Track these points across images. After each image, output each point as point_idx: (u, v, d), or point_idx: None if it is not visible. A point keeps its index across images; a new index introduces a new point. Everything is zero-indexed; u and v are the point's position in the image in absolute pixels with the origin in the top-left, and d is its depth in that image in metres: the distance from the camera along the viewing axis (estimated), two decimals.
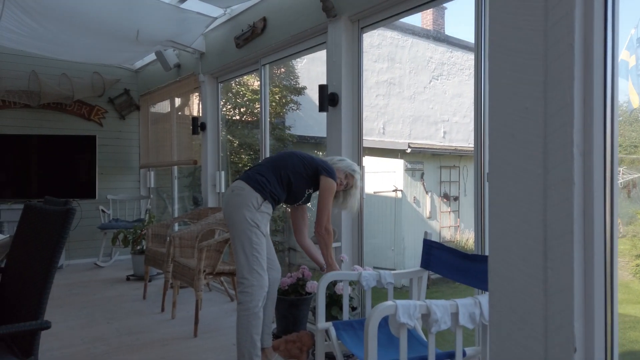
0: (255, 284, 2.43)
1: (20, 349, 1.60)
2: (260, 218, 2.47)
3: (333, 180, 2.56)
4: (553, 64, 0.77)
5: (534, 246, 0.80)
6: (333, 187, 2.56)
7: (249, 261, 2.43)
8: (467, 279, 2.18)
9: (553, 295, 0.78)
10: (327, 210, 2.55)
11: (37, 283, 1.61)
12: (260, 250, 2.45)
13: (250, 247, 2.43)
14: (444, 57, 11.14)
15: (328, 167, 2.61)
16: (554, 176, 0.78)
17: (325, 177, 2.55)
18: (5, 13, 4.18)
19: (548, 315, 0.78)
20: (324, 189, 2.55)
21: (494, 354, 0.87)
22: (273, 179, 2.51)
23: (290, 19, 3.74)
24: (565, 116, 0.76)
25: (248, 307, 2.43)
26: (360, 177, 2.79)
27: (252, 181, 2.48)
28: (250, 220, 2.43)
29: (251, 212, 2.44)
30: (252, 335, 2.43)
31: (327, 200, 2.54)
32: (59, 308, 4.03)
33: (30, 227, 1.82)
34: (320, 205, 2.55)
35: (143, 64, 6.35)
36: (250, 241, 2.43)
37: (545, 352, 0.79)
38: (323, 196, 2.54)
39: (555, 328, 0.78)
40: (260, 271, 2.45)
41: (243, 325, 2.44)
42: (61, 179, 5.96)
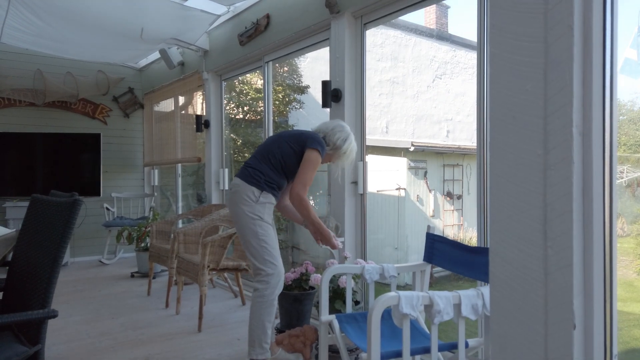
0: (271, 272, 2.50)
1: (28, 337, 1.62)
2: (261, 209, 2.50)
3: (318, 153, 2.55)
4: (553, 45, 0.79)
5: (534, 226, 0.81)
6: (315, 160, 2.54)
7: (260, 252, 2.49)
8: (470, 272, 2.18)
9: (553, 273, 0.79)
10: (304, 179, 2.50)
11: (44, 273, 1.63)
12: (268, 240, 2.50)
13: (256, 239, 2.48)
14: (447, 56, 11.13)
15: (316, 140, 2.59)
16: (553, 156, 0.79)
17: (310, 150, 2.54)
18: (11, 11, 4.21)
19: (548, 294, 0.80)
20: (305, 159, 2.54)
21: (496, 333, 0.89)
22: (265, 168, 2.55)
23: (294, 16, 3.76)
24: (564, 97, 0.77)
25: (263, 295, 2.49)
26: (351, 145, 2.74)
27: (245, 176, 2.54)
28: (250, 214, 2.48)
29: (250, 206, 2.49)
30: (264, 322, 2.49)
31: (305, 169, 2.51)
32: (64, 304, 4.06)
33: (37, 218, 1.84)
34: (299, 173, 2.51)
35: (147, 63, 6.39)
36: (255, 234, 2.48)
37: (545, 329, 0.80)
38: (303, 165, 2.52)
39: (555, 306, 0.79)
40: (272, 260, 2.50)
41: (256, 312, 2.49)
42: (66, 177, 6.00)
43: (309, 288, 3.24)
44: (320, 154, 2.56)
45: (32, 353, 1.54)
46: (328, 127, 2.75)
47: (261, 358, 2.50)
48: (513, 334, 0.85)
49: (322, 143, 2.60)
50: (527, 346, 0.83)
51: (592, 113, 0.77)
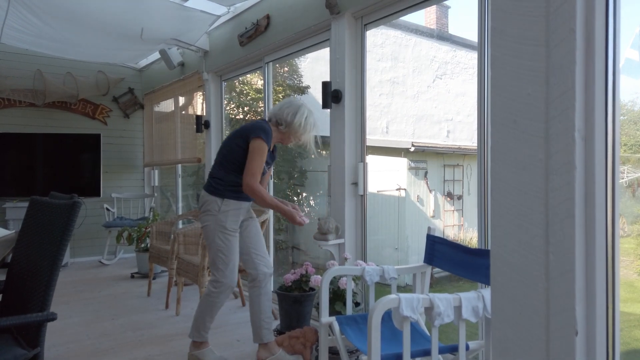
0: (221, 280, 2.69)
1: (27, 340, 1.61)
2: (223, 218, 2.64)
3: (260, 141, 2.59)
4: (555, 49, 0.78)
5: (536, 231, 0.81)
6: (259, 148, 2.59)
7: (215, 261, 2.69)
8: (471, 274, 2.18)
9: (555, 279, 0.78)
10: (251, 168, 2.57)
11: (44, 275, 1.62)
12: (226, 251, 2.66)
13: (215, 249, 2.67)
14: (447, 56, 11.12)
15: (257, 128, 2.64)
16: (555, 161, 0.78)
17: (252, 140, 2.60)
18: (11, 12, 4.21)
19: (550, 299, 0.79)
20: (250, 151, 2.61)
21: (496, 339, 0.88)
22: (223, 174, 2.66)
23: (294, 16, 3.76)
24: (566, 101, 0.77)
25: (210, 295, 2.71)
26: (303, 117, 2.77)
27: (208, 187, 2.70)
28: (213, 225, 2.65)
29: (213, 216, 2.64)
30: (204, 317, 2.73)
31: (251, 159, 2.58)
32: (64, 305, 4.06)
33: (37, 220, 1.84)
34: (247, 164, 2.59)
35: (147, 63, 6.39)
36: (215, 244, 2.66)
37: (547, 335, 0.80)
38: (249, 157, 2.59)
39: (556, 311, 0.78)
40: (225, 269, 2.68)
41: (200, 306, 2.74)
42: (66, 177, 6.00)
43: (309, 289, 3.23)
44: (263, 141, 2.60)
45: (32, 356, 1.54)
46: (276, 107, 2.82)
47: (198, 340, 2.76)
48: (514, 340, 0.84)
49: (264, 129, 2.64)
50: (529, 352, 0.82)
51: (595, 117, 0.76)
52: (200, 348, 2.77)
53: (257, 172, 2.58)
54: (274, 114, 2.80)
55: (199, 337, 2.77)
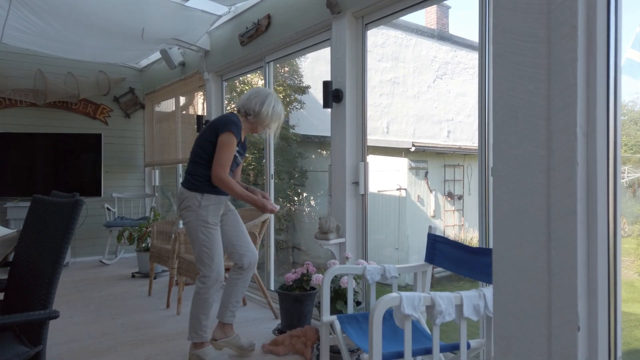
0: (208, 274, 2.73)
1: (29, 338, 1.62)
2: (204, 213, 2.69)
3: (229, 134, 2.65)
4: (556, 46, 0.78)
5: (538, 227, 0.81)
6: (227, 141, 2.65)
7: (200, 256, 2.73)
8: (472, 273, 2.18)
9: (557, 275, 0.79)
10: (219, 160, 2.63)
11: (46, 273, 1.63)
12: (209, 245, 2.70)
13: (198, 244, 2.71)
14: (447, 56, 11.13)
15: (225, 123, 2.69)
16: (557, 157, 0.79)
17: (221, 135, 2.66)
18: (12, 12, 4.22)
19: (552, 295, 0.79)
20: (218, 145, 2.66)
21: (499, 335, 0.88)
22: (199, 169, 2.70)
23: (295, 16, 3.76)
24: (568, 98, 0.77)
25: (199, 292, 2.77)
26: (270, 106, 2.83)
27: (187, 183, 2.74)
28: (196, 219, 2.69)
29: (194, 212, 2.69)
30: (198, 315, 2.77)
31: (219, 152, 2.64)
32: (65, 304, 4.06)
33: (39, 219, 1.84)
34: (215, 156, 2.65)
35: (148, 63, 6.39)
36: (198, 239, 2.70)
37: (549, 331, 0.80)
38: (217, 150, 2.65)
39: (559, 308, 0.79)
40: (210, 263, 2.72)
41: (194, 306, 2.78)
42: (67, 177, 6.00)
43: (310, 289, 3.24)
44: (233, 134, 2.65)
45: (34, 354, 1.54)
46: (244, 98, 2.86)
47: (197, 341, 2.79)
48: (517, 336, 0.85)
49: (234, 122, 2.69)
50: (531, 348, 0.82)
51: (596, 114, 0.76)
52: (200, 347, 2.80)
53: (225, 163, 2.63)
54: (242, 104, 2.84)
55: (197, 338, 2.79)
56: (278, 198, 7.26)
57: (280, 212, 8.03)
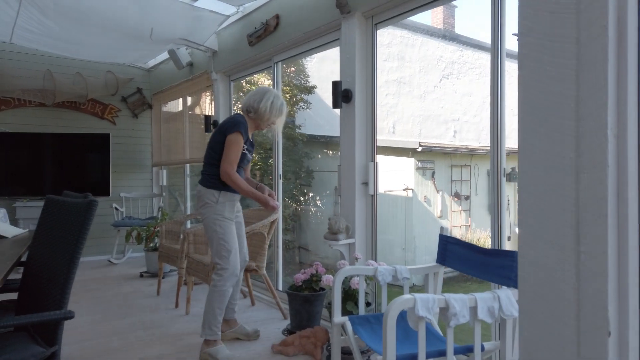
0: (226, 266, 2.84)
1: (44, 338, 1.62)
2: (221, 208, 2.86)
3: (235, 134, 2.81)
4: (586, 46, 0.77)
5: (567, 230, 0.80)
6: (234, 140, 2.81)
7: (218, 249, 2.85)
8: (485, 274, 2.17)
9: (586, 279, 0.77)
10: (227, 158, 2.78)
11: (60, 274, 1.63)
12: (226, 238, 2.85)
13: (216, 236, 2.84)
14: (454, 55, 11.08)
15: (231, 124, 2.85)
16: (587, 159, 0.77)
17: (229, 135, 2.81)
18: (22, 12, 4.24)
19: (581, 300, 0.78)
20: (226, 143, 2.82)
21: (525, 340, 0.87)
22: (214, 170, 2.86)
23: (304, 16, 3.75)
24: (599, 99, 0.76)
25: (216, 285, 2.85)
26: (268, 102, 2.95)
27: (204, 181, 2.90)
28: (213, 214, 2.85)
29: (212, 207, 2.85)
30: (214, 309, 2.84)
31: (227, 151, 2.80)
32: (75, 303, 4.07)
33: (52, 219, 1.84)
34: (223, 155, 2.81)
35: (156, 63, 6.41)
36: (216, 232, 2.84)
37: (578, 337, 0.79)
38: (226, 148, 2.81)
39: (588, 312, 0.77)
40: (228, 255, 2.85)
41: (209, 300, 2.85)
42: (75, 177, 6.03)
43: (319, 289, 3.23)
44: (239, 133, 2.81)
45: (49, 354, 1.54)
46: (246, 97, 3.01)
47: (210, 338, 2.83)
48: (544, 341, 0.83)
49: (240, 123, 2.84)
50: (559, 353, 0.81)
51: (627, 115, 0.75)
52: (213, 345, 2.84)
53: (233, 161, 2.79)
54: (244, 103, 3.00)
55: (211, 335, 2.84)
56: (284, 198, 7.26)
57: (287, 212, 8.03)
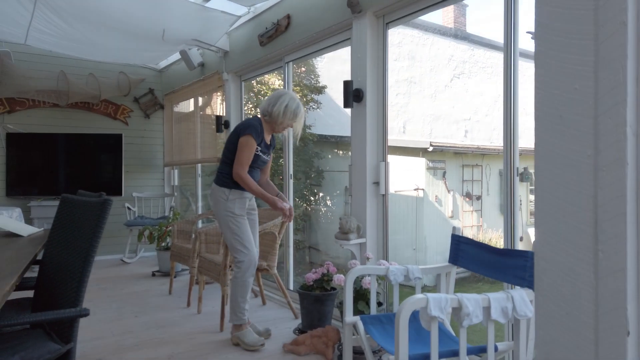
0: (242, 259, 3.00)
1: (60, 335, 1.64)
2: (231, 206, 3.00)
3: (247, 137, 2.92)
4: (604, 43, 0.76)
5: (584, 229, 0.79)
6: (245, 142, 2.92)
7: (233, 243, 3.02)
8: (498, 274, 2.15)
9: (604, 278, 0.77)
10: (239, 159, 2.91)
11: (76, 272, 1.65)
12: (239, 233, 3.00)
13: (230, 233, 3.01)
14: (465, 55, 11.01)
15: (244, 127, 2.97)
16: (605, 157, 0.77)
17: (242, 137, 2.93)
18: (36, 14, 4.29)
19: (599, 299, 0.77)
20: (239, 145, 2.95)
21: (541, 339, 0.86)
22: (227, 169, 3.00)
23: (315, 16, 3.76)
24: (617, 96, 0.75)
25: (236, 277, 3.04)
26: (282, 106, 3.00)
27: (217, 180, 3.06)
28: (224, 211, 3.00)
29: (223, 204, 3.00)
30: (237, 298, 3.05)
31: (239, 152, 2.93)
32: (88, 302, 4.08)
33: (68, 217, 1.87)
34: (236, 156, 2.94)
35: (167, 64, 6.46)
36: (229, 228, 3.01)
37: (596, 336, 0.78)
38: (238, 150, 2.94)
39: (606, 311, 0.77)
40: (243, 249, 3.01)
41: (233, 291, 3.06)
42: (88, 177, 6.10)
43: (331, 289, 3.23)
44: (251, 136, 2.92)
45: (65, 351, 1.56)
46: (264, 101, 3.09)
47: (237, 323, 3.07)
48: (560, 340, 0.83)
49: (252, 126, 2.94)
50: (576, 353, 0.80)
51: None
52: (240, 329, 3.06)
53: (244, 162, 2.92)
54: (261, 106, 3.10)
55: (236, 320, 3.06)
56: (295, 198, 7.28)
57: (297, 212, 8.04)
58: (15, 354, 1.46)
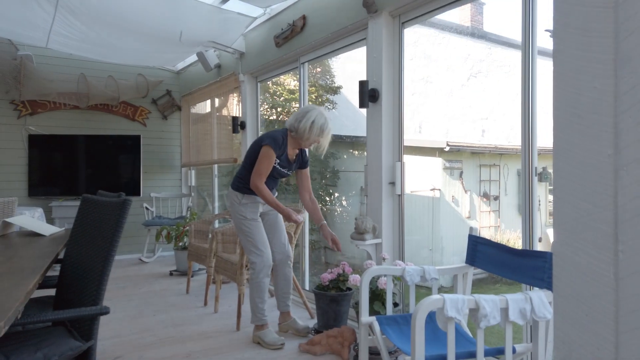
0: (255, 260, 3.08)
1: (81, 333, 1.67)
2: (243, 209, 3.09)
3: (267, 147, 2.95)
4: (625, 41, 0.75)
5: (604, 229, 0.78)
6: (265, 153, 2.96)
7: (246, 245, 3.12)
8: (516, 275, 2.12)
9: (625, 278, 0.75)
10: (257, 169, 2.95)
11: (96, 270, 1.68)
12: (251, 235, 3.08)
13: (243, 235, 3.11)
14: (482, 54, 10.90)
15: (266, 137, 3.01)
16: (625, 156, 0.75)
17: (262, 147, 2.98)
18: (57, 18, 4.38)
19: (619, 300, 0.76)
20: (259, 155, 2.99)
21: (560, 341, 0.85)
22: (245, 174, 3.05)
23: (330, 16, 3.76)
24: (638, 94, 0.74)
25: (251, 278, 3.14)
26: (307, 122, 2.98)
27: (233, 184, 3.16)
28: (237, 214, 3.10)
29: (236, 207, 3.10)
30: (254, 299, 3.13)
31: (258, 162, 2.97)
32: (107, 301, 4.15)
33: (88, 217, 1.91)
34: (255, 165, 2.98)
35: (184, 65, 6.53)
36: (242, 231, 3.11)
37: (616, 337, 0.77)
38: (258, 160, 2.98)
39: (627, 312, 0.75)
40: (255, 250, 3.08)
41: (250, 292, 3.16)
42: (108, 177, 6.20)
43: (346, 289, 3.23)
44: (270, 147, 2.94)
45: (86, 348, 1.59)
46: (292, 116, 3.09)
47: (257, 323, 3.14)
48: (579, 342, 0.82)
49: (274, 137, 2.97)
50: (596, 355, 0.79)
51: None
52: (261, 329, 3.13)
53: (262, 173, 2.95)
54: (288, 121, 3.09)
55: (256, 321, 3.14)
56: None
57: None
58: (39, 351, 1.50)
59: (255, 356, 2.94)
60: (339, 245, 3.11)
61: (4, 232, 2.68)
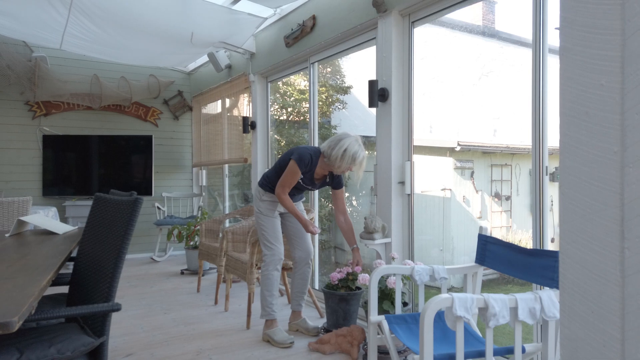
0: (266, 252, 3.21)
1: (93, 329, 1.70)
2: (261, 205, 3.25)
3: (293, 162, 3.03)
4: (631, 37, 0.75)
5: (610, 226, 0.78)
6: (290, 167, 3.04)
7: (260, 238, 3.27)
8: (526, 275, 2.11)
9: (631, 276, 0.75)
10: (282, 181, 3.07)
11: (108, 268, 1.71)
12: (264, 229, 3.23)
13: (259, 227, 3.28)
14: (493, 53, 10.82)
15: (295, 152, 3.08)
16: (632, 153, 0.75)
17: (290, 160, 3.06)
18: (71, 20, 4.45)
19: (625, 297, 0.76)
20: (287, 167, 3.08)
21: (566, 338, 0.86)
22: (272, 176, 3.20)
23: (340, 16, 3.77)
24: None
25: (262, 271, 3.23)
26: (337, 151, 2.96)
27: (260, 181, 3.31)
28: (256, 209, 3.28)
29: (257, 202, 3.28)
30: (263, 292, 3.21)
31: (284, 174, 3.07)
32: (119, 299, 4.24)
33: (101, 216, 1.94)
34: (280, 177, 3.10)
35: (195, 66, 6.58)
36: (258, 224, 3.29)
37: (622, 334, 0.77)
38: (284, 171, 3.08)
39: (633, 309, 0.75)
40: (267, 243, 3.21)
41: (261, 285, 3.25)
42: (120, 177, 6.28)
43: (356, 288, 3.23)
44: (296, 163, 3.02)
45: (98, 344, 1.62)
46: (325, 143, 3.12)
47: (266, 318, 3.20)
48: (586, 339, 0.82)
49: (301, 155, 3.04)
50: (602, 351, 0.79)
51: None
52: (270, 327, 3.18)
53: (285, 184, 3.07)
54: (322, 146, 3.12)
55: (265, 315, 3.20)
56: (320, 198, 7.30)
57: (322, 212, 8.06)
58: (52, 347, 1.53)
59: (265, 354, 2.96)
60: (360, 268, 3.18)
61: (19, 230, 2.73)
